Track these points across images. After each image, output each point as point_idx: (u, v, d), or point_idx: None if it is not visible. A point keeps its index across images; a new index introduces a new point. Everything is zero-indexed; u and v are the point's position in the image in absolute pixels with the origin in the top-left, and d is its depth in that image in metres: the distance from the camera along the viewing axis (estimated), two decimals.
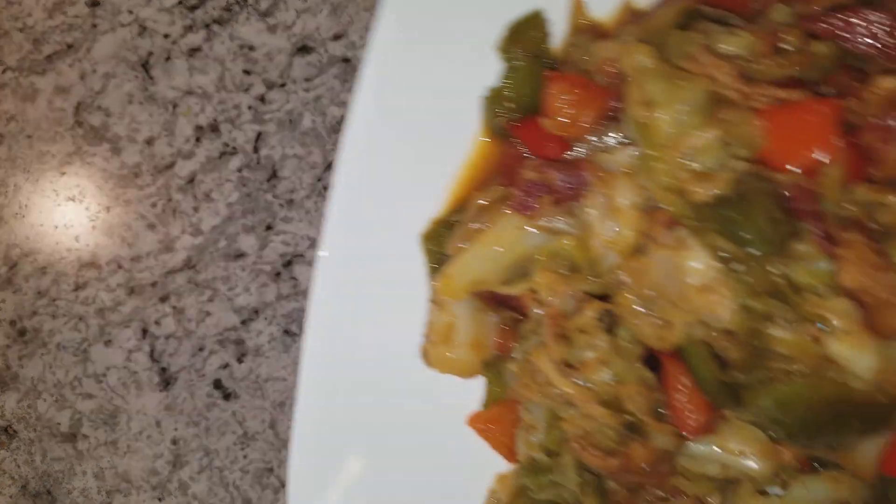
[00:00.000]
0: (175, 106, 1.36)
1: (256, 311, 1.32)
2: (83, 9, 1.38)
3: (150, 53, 1.36)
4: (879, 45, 0.59)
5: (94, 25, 1.37)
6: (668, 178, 0.57)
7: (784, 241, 0.55)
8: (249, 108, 1.34)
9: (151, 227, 1.35)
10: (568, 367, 0.63)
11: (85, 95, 1.37)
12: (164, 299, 1.35)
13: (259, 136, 1.34)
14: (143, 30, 1.36)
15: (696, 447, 0.67)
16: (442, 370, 0.74)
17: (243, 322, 1.33)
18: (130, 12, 1.36)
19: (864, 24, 0.59)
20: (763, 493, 0.70)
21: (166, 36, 1.36)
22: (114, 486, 1.36)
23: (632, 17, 0.71)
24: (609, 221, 0.62)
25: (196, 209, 1.35)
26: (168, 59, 1.36)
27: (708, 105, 0.58)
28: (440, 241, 0.74)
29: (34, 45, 1.39)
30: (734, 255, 0.56)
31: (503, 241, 0.68)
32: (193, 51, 1.36)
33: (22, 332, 1.38)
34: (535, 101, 0.69)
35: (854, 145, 0.58)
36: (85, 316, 1.36)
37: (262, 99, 1.33)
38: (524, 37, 0.72)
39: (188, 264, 1.35)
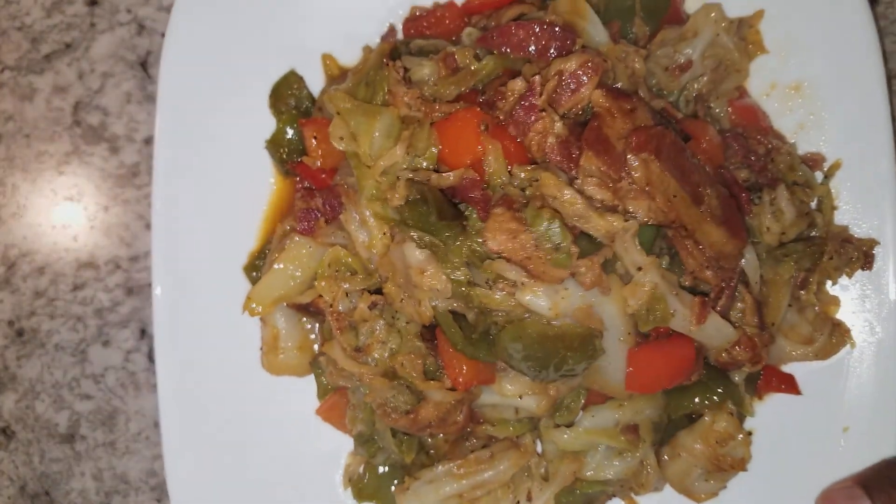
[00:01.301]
0: None
1: None
2: (81, 8, 1.41)
3: (149, 52, 1.37)
4: (531, 50, 0.74)
5: (93, 24, 1.40)
6: (373, 191, 0.73)
7: (456, 225, 0.70)
8: None
9: (150, 226, 1.29)
10: (358, 351, 0.78)
11: (83, 95, 1.39)
12: None
13: None
14: (141, 29, 1.38)
15: (486, 397, 0.82)
16: (277, 373, 0.89)
17: None
18: (129, 11, 1.39)
19: (522, 33, 0.74)
20: (558, 426, 0.83)
21: (164, 35, 1.31)
22: (112, 487, 1.38)
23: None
24: (362, 230, 0.78)
25: None
26: None
27: (397, 128, 0.73)
28: (259, 269, 0.90)
29: (32, 45, 1.41)
30: (431, 241, 0.71)
31: (295, 260, 0.84)
32: None
33: (20, 333, 1.41)
34: (301, 144, 0.85)
35: (510, 137, 0.72)
36: (83, 316, 1.38)
37: None
38: (285, 93, 0.88)
39: None
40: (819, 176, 0.89)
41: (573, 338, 0.68)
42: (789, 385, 0.87)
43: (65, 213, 1.37)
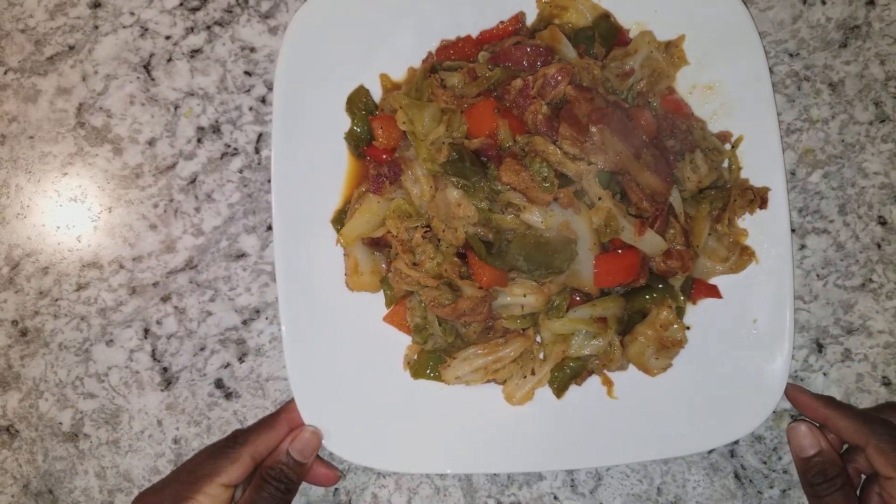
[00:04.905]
0: (176, 107, 1.38)
1: (258, 311, 1.37)
2: (85, 10, 1.37)
3: (152, 55, 1.37)
4: (525, 64, 1.13)
5: (96, 27, 1.36)
6: (426, 154, 1.11)
7: (480, 171, 1.08)
8: (250, 109, 1.39)
9: (153, 227, 1.36)
10: (415, 265, 1.15)
11: (86, 96, 1.36)
12: (165, 299, 1.37)
13: (260, 136, 1.39)
14: (144, 31, 1.36)
15: (501, 299, 1.19)
16: (357, 290, 1.28)
17: (244, 322, 1.38)
18: (132, 14, 1.37)
19: (519, 53, 1.13)
20: (550, 318, 1.19)
21: (168, 37, 1.38)
22: (115, 485, 1.35)
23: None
24: (416, 185, 1.15)
25: (197, 210, 1.38)
26: (169, 60, 1.38)
27: (439, 115, 1.12)
28: (342, 220, 1.27)
29: (36, 47, 1.36)
30: (465, 185, 1.08)
31: (370, 210, 1.23)
32: (195, 52, 1.38)
33: (24, 332, 1.35)
34: (369, 134, 1.23)
35: (513, 117, 1.10)
36: (87, 316, 1.36)
37: (263, 100, 1.40)
38: (356, 100, 1.28)
39: (190, 264, 1.37)
40: (728, 146, 1.25)
41: (557, 243, 1.08)
42: (714, 292, 1.26)
43: (69, 213, 1.38)
